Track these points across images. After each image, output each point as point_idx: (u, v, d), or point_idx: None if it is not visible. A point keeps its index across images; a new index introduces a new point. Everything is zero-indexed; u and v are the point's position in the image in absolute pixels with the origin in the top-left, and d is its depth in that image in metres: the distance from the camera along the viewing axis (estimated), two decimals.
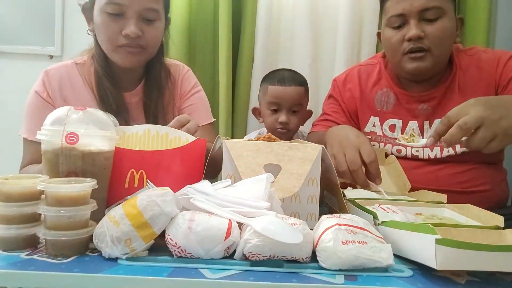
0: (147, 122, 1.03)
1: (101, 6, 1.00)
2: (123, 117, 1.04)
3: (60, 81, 1.08)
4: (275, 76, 1.40)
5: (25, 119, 1.06)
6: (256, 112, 1.48)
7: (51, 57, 1.79)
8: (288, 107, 1.35)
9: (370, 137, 1.19)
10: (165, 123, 0.95)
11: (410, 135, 0.93)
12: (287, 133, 1.35)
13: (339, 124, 1.19)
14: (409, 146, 0.89)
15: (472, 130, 0.76)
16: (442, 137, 0.80)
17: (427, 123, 1.15)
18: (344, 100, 1.27)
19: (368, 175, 0.89)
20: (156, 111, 1.10)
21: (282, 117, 1.34)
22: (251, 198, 0.60)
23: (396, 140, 0.91)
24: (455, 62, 1.15)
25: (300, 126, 1.44)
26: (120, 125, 0.84)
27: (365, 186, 0.90)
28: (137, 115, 1.10)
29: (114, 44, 1.02)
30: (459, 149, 1.11)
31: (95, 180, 0.59)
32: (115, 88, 1.07)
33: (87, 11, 1.05)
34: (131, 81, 1.12)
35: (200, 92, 1.22)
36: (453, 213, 0.76)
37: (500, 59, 1.10)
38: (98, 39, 1.05)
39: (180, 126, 0.86)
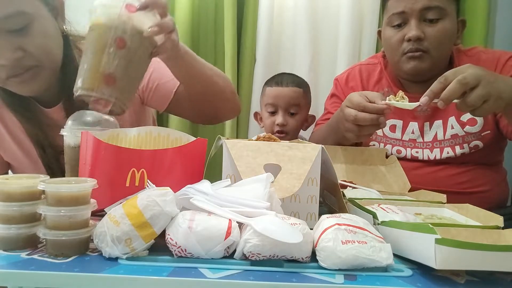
0: None
1: None
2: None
3: None
4: (274, 78, 1.39)
5: None
6: (258, 116, 1.46)
7: None
8: (285, 108, 1.32)
9: (371, 136, 1.19)
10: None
11: (401, 96, 0.91)
12: (285, 138, 1.29)
13: None
14: (400, 107, 0.89)
15: (470, 88, 0.77)
16: (436, 99, 0.81)
17: (427, 124, 1.15)
18: None
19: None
20: None
21: (279, 118, 1.31)
22: (251, 198, 0.60)
23: (387, 99, 0.91)
24: (455, 63, 1.15)
25: (302, 131, 1.41)
26: None
27: (381, 124, 0.93)
28: None
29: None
30: (458, 150, 1.11)
31: (95, 180, 0.59)
32: (32, 105, 0.90)
33: None
34: (49, 96, 0.92)
35: None
36: (452, 213, 0.76)
37: (500, 59, 1.10)
38: None
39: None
